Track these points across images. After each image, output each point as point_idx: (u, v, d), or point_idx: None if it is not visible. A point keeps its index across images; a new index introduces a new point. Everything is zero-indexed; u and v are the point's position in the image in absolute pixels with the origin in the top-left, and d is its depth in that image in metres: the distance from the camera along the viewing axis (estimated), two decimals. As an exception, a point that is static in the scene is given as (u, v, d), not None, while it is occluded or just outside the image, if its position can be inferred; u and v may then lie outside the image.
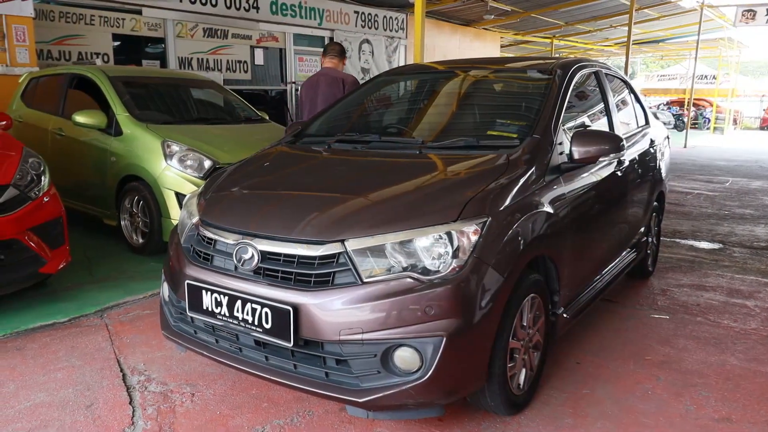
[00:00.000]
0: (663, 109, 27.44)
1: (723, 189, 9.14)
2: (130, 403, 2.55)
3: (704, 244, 5.51)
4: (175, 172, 4.52)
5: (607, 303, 3.83)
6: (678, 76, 34.68)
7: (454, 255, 2.07)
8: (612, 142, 2.72)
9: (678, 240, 5.66)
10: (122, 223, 4.95)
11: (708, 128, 26.71)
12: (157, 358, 2.98)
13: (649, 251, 4.29)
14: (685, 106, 20.21)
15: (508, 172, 2.42)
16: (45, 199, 3.62)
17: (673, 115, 26.32)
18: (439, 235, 2.09)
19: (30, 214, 3.48)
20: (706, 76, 31.77)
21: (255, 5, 10.35)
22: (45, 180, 3.70)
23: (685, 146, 17.26)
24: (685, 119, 19.24)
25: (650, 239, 4.28)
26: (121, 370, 2.84)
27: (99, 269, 4.47)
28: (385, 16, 13.15)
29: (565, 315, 2.77)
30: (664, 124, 25.79)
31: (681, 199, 8.03)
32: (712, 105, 27.22)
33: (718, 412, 2.54)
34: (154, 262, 4.57)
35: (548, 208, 2.50)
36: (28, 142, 4.71)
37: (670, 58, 34.80)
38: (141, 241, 4.85)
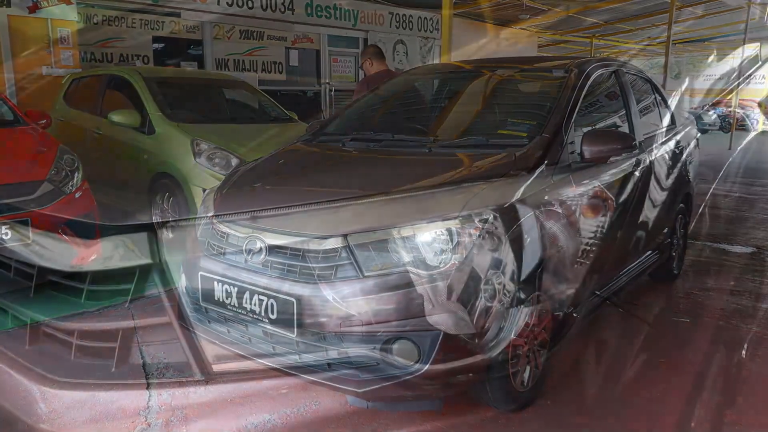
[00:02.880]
0: (707, 110, 26.55)
1: (765, 192, 8.84)
2: (147, 388, 2.67)
3: (737, 248, 5.36)
4: (203, 170, 4.67)
5: (627, 304, 3.78)
6: (725, 75, 33.56)
7: (454, 251, 2.11)
8: (623, 141, 2.71)
9: (709, 243, 5.52)
10: (153, 218, 5.13)
11: (756, 130, 25.76)
12: (177, 346, 3.10)
13: (674, 253, 4.22)
14: (733, 108, 19.55)
15: (514, 171, 2.44)
16: (78, 194, 3.80)
17: (719, 116, 25.42)
18: (440, 231, 2.13)
19: (63, 208, 3.66)
20: (755, 76, 30.63)
21: (290, 7, 10.54)
22: (78, 176, 3.88)
23: (729, 148, 16.70)
24: (731, 120, 18.63)
25: (675, 241, 4.20)
26: (142, 357, 2.98)
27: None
28: (419, 17, 13.18)
29: (574, 314, 2.76)
30: (709, 125, 24.70)
31: (718, 202, 7.81)
32: (760, 106, 26.23)
33: (728, 415, 2.50)
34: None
35: (555, 207, 2.51)
36: (68, 140, 4.93)
37: (716, 57, 33.70)
38: (171, 235, 5.02)
